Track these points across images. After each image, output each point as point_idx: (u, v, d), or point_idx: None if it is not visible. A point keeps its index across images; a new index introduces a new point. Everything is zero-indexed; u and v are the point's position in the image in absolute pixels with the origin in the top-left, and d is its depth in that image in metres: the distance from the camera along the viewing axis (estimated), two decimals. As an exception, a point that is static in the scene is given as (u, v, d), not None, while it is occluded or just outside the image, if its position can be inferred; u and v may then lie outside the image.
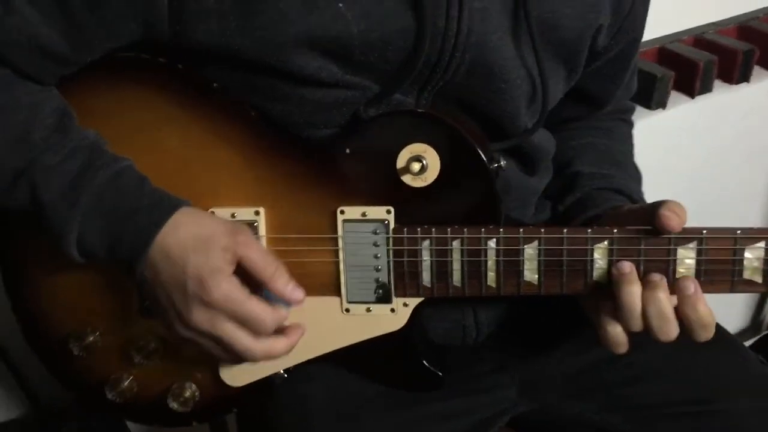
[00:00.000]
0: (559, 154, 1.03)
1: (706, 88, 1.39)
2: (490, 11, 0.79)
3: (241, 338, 0.76)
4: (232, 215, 0.83)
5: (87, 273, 0.86)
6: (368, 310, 0.84)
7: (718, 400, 0.90)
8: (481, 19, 0.78)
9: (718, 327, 1.01)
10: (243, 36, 0.75)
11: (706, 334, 0.76)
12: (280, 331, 0.80)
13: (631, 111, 1.12)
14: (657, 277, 0.76)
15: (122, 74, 0.82)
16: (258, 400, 0.90)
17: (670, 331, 0.75)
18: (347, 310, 0.84)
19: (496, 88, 0.83)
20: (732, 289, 0.78)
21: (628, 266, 0.76)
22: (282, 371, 0.87)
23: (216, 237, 0.76)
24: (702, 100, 1.41)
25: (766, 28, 1.45)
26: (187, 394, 0.90)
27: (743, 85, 1.46)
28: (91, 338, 0.90)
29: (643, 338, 0.77)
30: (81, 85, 0.83)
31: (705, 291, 0.78)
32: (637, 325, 0.75)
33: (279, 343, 0.79)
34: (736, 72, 1.40)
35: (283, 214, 0.83)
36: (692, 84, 1.32)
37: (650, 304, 0.74)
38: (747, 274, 0.77)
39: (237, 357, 0.79)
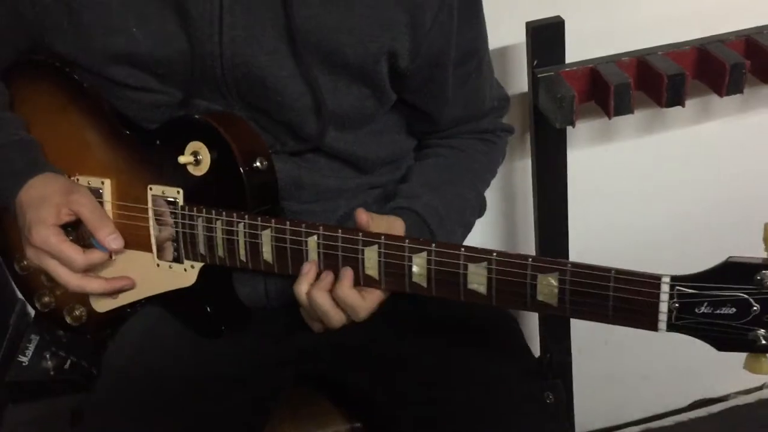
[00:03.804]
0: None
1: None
2: (256, 37, 0.97)
3: (60, 272, 1.04)
4: (88, 182, 1.11)
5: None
6: (170, 267, 1.07)
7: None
8: (247, 44, 0.97)
9: (519, 347, 1.11)
10: (78, 49, 1.02)
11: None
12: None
13: (497, 131, 1.19)
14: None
15: (34, 71, 1.13)
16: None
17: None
18: (158, 265, 1.08)
19: (275, 101, 1.01)
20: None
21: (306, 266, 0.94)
22: (127, 308, 1.14)
23: (51, 196, 1.03)
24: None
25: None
26: (77, 313, 1.20)
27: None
28: (24, 262, 1.24)
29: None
30: (15, 78, 1.16)
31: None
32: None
33: (92, 282, 1.06)
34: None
35: (121, 186, 1.09)
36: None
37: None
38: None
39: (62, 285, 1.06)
